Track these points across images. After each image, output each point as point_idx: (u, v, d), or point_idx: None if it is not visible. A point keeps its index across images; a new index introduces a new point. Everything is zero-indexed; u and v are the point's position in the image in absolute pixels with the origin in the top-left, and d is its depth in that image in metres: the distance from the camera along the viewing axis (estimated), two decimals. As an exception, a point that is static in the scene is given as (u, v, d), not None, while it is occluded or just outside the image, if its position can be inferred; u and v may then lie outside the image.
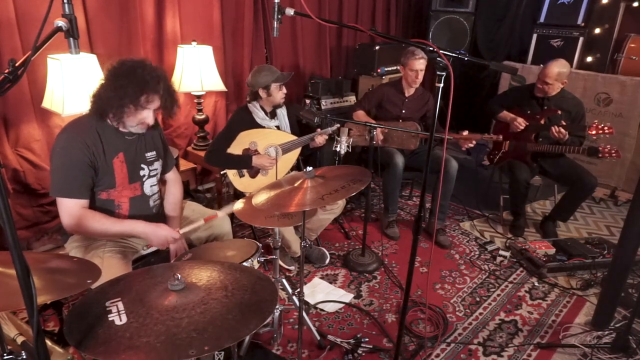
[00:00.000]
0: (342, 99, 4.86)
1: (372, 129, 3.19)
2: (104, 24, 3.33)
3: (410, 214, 4.44)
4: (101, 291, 1.42)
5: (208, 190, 4.40)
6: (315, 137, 3.27)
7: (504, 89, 5.26)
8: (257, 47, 4.43)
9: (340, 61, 5.46)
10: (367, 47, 4.96)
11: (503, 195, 4.26)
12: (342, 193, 1.93)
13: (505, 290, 3.28)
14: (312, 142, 3.31)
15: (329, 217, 3.44)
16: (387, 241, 3.90)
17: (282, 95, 3.24)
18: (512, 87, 5.14)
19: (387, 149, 3.89)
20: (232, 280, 1.48)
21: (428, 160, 1.91)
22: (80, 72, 2.85)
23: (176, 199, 2.58)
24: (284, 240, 3.27)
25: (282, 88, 3.23)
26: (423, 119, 4.04)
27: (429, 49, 1.78)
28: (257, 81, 3.17)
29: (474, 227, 4.18)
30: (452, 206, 4.52)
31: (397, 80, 4.01)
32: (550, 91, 3.76)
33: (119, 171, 2.22)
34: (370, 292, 3.21)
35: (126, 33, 3.45)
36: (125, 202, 2.28)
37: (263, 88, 3.17)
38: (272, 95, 3.20)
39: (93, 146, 2.12)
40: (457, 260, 3.64)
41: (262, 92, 3.19)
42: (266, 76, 3.17)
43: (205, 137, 4.04)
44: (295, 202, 1.91)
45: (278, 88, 3.20)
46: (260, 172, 3.29)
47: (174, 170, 2.67)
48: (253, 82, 3.19)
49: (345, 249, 3.76)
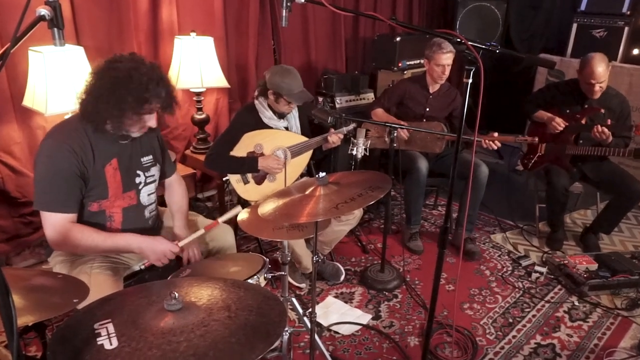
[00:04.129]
0: (358, 96, 4.86)
1: (393, 130, 3.18)
2: (92, 13, 3.34)
3: (435, 225, 4.43)
4: (89, 311, 1.41)
5: (209, 199, 4.41)
6: (329, 136, 3.25)
7: (540, 86, 5.25)
8: (264, 38, 4.44)
9: (356, 54, 5.46)
10: (387, 39, 4.96)
11: (539, 204, 4.24)
12: (358, 202, 1.92)
13: (542, 311, 3.27)
14: (325, 144, 3.30)
15: (344, 228, 3.42)
16: (409, 255, 3.89)
17: (288, 110, 3.23)
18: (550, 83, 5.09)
19: (409, 152, 3.88)
20: (235, 300, 1.47)
21: (455, 164, 1.90)
22: (66, 66, 2.85)
23: (179, 207, 2.59)
24: (293, 254, 3.26)
25: (293, 105, 3.21)
26: (449, 118, 4.05)
27: (456, 40, 1.78)
28: (275, 82, 3.10)
29: (506, 240, 4.16)
30: (482, 216, 4.52)
31: (421, 75, 4.01)
32: (600, 91, 3.72)
33: (112, 180, 2.22)
34: (391, 313, 3.21)
35: (117, 23, 3.46)
36: (118, 213, 2.28)
37: (274, 93, 3.13)
38: (279, 104, 3.17)
39: (82, 153, 2.11)
40: (487, 277, 3.64)
41: (272, 95, 3.15)
42: (288, 85, 3.09)
43: (205, 139, 4.04)
44: (306, 211, 1.90)
45: (287, 103, 3.16)
46: (267, 179, 3.29)
47: (177, 174, 2.69)
48: (271, 80, 3.11)
49: (363, 264, 3.76)
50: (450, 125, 4.00)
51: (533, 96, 4.21)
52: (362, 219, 4.01)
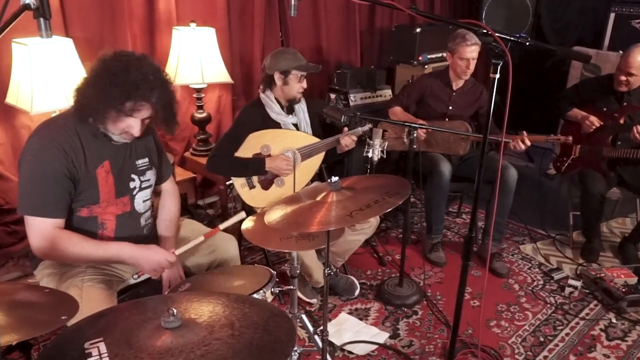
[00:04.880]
0: (374, 93, 4.87)
1: (412, 130, 3.17)
2: (81, 1, 3.35)
3: (458, 235, 4.43)
4: (79, 329, 1.41)
5: (210, 206, 4.41)
6: (341, 137, 3.25)
7: (575, 81, 5.20)
8: (271, 29, 4.45)
9: (372, 47, 5.47)
10: (406, 30, 4.95)
11: (573, 212, 4.22)
12: (375, 209, 1.92)
13: (576, 329, 3.26)
14: (338, 146, 3.30)
15: (358, 238, 3.42)
16: (430, 268, 3.90)
17: (300, 89, 3.26)
18: (585, 78, 5.14)
19: (430, 154, 3.88)
20: (239, 316, 1.46)
21: (481, 168, 1.92)
22: (53, 60, 2.86)
23: (171, 215, 2.58)
24: (303, 267, 3.25)
25: (303, 80, 3.25)
26: (474, 117, 4.05)
27: (482, 31, 1.79)
28: (277, 63, 3.19)
29: (537, 251, 4.16)
30: (511, 225, 4.51)
31: (443, 70, 4.02)
32: (634, 84, 3.72)
33: (104, 183, 2.21)
34: (410, 331, 3.21)
35: (109, 12, 3.47)
36: (111, 220, 2.28)
37: (280, 72, 3.18)
38: (288, 84, 3.21)
39: (72, 153, 2.10)
40: (516, 292, 3.63)
41: (278, 77, 3.20)
42: (288, 60, 3.18)
43: (206, 139, 4.06)
44: (317, 220, 1.90)
45: (298, 78, 3.21)
46: (275, 183, 3.29)
47: (171, 179, 2.67)
48: (271, 64, 3.21)
49: (379, 277, 3.76)
50: (476, 125, 4.00)
51: (566, 93, 4.21)
52: (378, 228, 3.99)
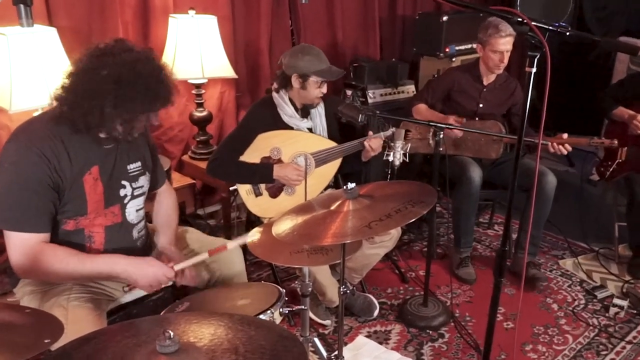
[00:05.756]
0: (396, 89, 4.88)
1: (439, 131, 3.16)
2: (67, -14, 3.38)
3: (490, 249, 4.45)
4: (64, 354, 1.41)
5: (212, 216, 4.43)
6: (366, 141, 3.21)
7: (621, 76, 5.21)
8: (279, 17, 4.46)
9: (394, 37, 5.48)
10: (432, 18, 4.95)
11: (619, 223, 4.23)
12: (396, 219, 1.92)
13: (622, 354, 3.25)
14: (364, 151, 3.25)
15: (378, 252, 3.41)
16: (458, 286, 3.89)
17: (319, 94, 3.23)
18: (632, 73, 5.12)
19: (459, 157, 3.88)
20: (244, 340, 1.45)
21: (515, 173, 1.93)
22: (34, 51, 2.86)
23: (169, 209, 2.62)
24: (316, 284, 3.24)
25: (323, 86, 3.22)
26: (508, 116, 4.06)
27: (516, 20, 1.76)
28: (296, 64, 3.14)
29: (578, 267, 4.14)
30: (548, 237, 4.51)
31: (473, 63, 4.03)
32: None
33: (92, 192, 2.20)
34: (436, 356, 3.20)
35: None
36: (99, 232, 2.28)
37: (299, 76, 3.15)
38: (306, 89, 3.18)
39: (55, 159, 2.08)
40: (555, 312, 3.62)
41: (296, 80, 3.17)
42: (310, 62, 3.13)
43: (207, 141, 4.05)
44: (331, 231, 1.90)
45: (318, 84, 3.18)
46: (284, 191, 3.30)
47: (167, 184, 2.70)
48: (290, 63, 3.16)
49: (401, 296, 3.77)
50: (509, 125, 3.99)
51: (611, 89, 4.20)
52: (400, 241, 3.98)
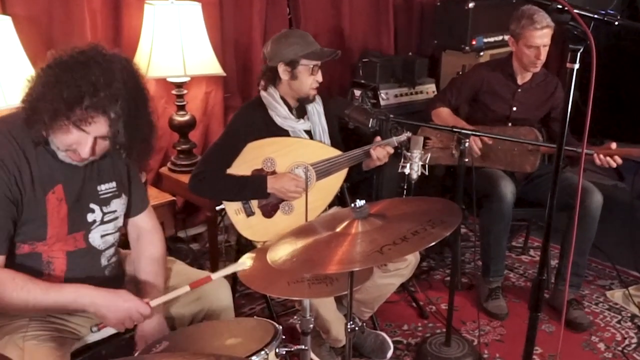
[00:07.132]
0: (413, 89, 4.92)
1: (464, 139, 3.15)
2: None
3: (525, 278, 4.45)
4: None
5: (195, 239, 4.44)
6: (372, 149, 3.24)
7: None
8: (275, 4, 4.50)
9: (410, 29, 5.53)
10: (455, 6, 4.98)
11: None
12: (413, 243, 1.91)
13: None
14: (368, 160, 3.29)
15: (392, 282, 3.40)
16: (487, 321, 3.91)
17: (313, 83, 3.24)
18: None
19: (487, 170, 3.89)
20: (233, 389, 1.44)
21: (555, 190, 1.97)
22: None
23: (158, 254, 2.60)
24: (318, 320, 3.22)
25: (317, 72, 3.22)
26: (546, 122, 4.07)
27: (555, 7, 1.78)
28: (280, 51, 3.15)
29: (629, 299, 4.15)
30: (593, 264, 4.55)
31: (504, 58, 4.07)
32: None
33: (54, 214, 2.22)
34: (461, 406, 3.20)
35: (61, -19, 3.52)
36: (60, 258, 2.29)
37: (287, 64, 3.16)
38: (297, 78, 3.19)
39: (15, 170, 2.12)
40: (601, 353, 3.63)
41: (284, 70, 3.18)
42: (294, 46, 3.14)
43: (189, 150, 4.08)
44: (337, 257, 1.91)
45: (310, 70, 3.19)
46: (280, 209, 3.30)
47: (149, 212, 2.67)
48: (273, 52, 3.18)
49: (419, 334, 3.78)
50: (547, 132, 4.01)
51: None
52: (418, 269, 3.98)
